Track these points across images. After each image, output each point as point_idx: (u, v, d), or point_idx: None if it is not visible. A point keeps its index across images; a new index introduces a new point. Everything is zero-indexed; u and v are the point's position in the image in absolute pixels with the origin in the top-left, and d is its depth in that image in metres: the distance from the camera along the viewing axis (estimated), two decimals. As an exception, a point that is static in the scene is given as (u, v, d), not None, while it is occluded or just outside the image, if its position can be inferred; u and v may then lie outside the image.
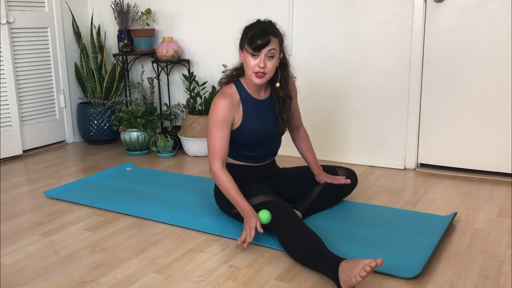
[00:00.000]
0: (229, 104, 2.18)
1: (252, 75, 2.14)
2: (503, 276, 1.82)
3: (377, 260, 1.63)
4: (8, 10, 3.51)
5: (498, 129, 2.90)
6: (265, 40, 2.07)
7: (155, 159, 3.56)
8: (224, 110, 2.17)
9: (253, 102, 2.25)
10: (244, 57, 2.15)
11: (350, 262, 1.69)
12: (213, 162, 2.19)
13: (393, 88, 3.14)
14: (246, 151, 2.29)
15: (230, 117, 2.19)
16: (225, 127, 2.19)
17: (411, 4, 2.99)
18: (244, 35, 2.15)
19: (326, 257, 1.78)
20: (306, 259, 1.86)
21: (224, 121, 2.18)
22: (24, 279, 1.85)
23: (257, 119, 2.25)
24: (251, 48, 2.08)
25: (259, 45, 2.07)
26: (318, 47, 3.32)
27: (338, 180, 2.44)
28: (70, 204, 2.64)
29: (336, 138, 3.38)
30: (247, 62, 2.13)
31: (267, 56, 2.10)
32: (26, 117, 3.73)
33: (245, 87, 2.25)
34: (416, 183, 2.92)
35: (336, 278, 1.70)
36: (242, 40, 2.15)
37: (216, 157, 2.19)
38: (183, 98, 3.90)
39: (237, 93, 2.23)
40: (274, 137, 2.35)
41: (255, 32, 2.09)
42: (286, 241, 1.94)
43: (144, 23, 3.84)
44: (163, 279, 1.83)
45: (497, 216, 2.39)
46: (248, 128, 2.23)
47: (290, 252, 1.93)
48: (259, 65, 2.09)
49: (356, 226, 2.27)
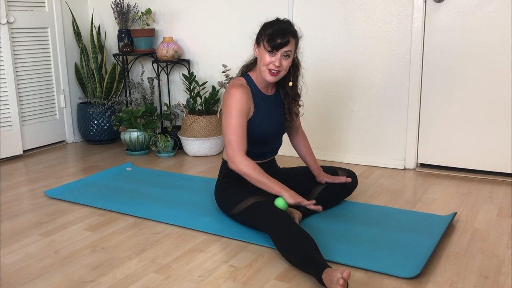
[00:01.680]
0: (247, 93, 2.17)
1: (266, 72, 2.14)
2: (503, 276, 1.82)
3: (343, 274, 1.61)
4: (8, 10, 3.52)
5: (498, 129, 2.90)
6: (284, 40, 2.08)
7: (155, 159, 3.56)
8: (242, 99, 2.14)
9: (262, 97, 2.26)
10: (259, 52, 2.16)
11: (327, 274, 1.68)
12: (237, 156, 2.11)
13: (393, 88, 3.14)
14: (251, 147, 2.26)
15: (248, 106, 2.17)
16: (244, 116, 2.15)
17: (410, 4, 2.99)
18: (263, 31, 2.15)
19: (313, 264, 1.77)
20: (295, 262, 1.86)
21: (242, 110, 2.14)
22: (24, 279, 1.86)
23: (265, 114, 2.25)
24: (269, 46, 2.09)
25: (278, 44, 2.08)
26: (318, 47, 3.32)
27: (339, 179, 2.45)
28: (70, 204, 2.64)
29: (336, 138, 3.38)
30: (263, 58, 2.13)
31: (283, 55, 2.11)
32: (26, 117, 3.74)
33: (254, 81, 2.25)
34: (416, 183, 2.92)
35: (323, 285, 1.71)
36: (260, 36, 2.15)
37: (239, 149, 2.11)
38: (183, 98, 3.90)
39: (248, 86, 2.23)
40: (278, 134, 2.37)
41: (275, 30, 2.09)
42: (278, 243, 1.94)
43: (144, 23, 3.84)
44: (163, 279, 1.84)
45: (497, 216, 2.39)
46: (258, 122, 2.23)
47: (282, 254, 1.94)
48: (275, 63, 2.11)
49: (356, 226, 2.27)
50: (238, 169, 2.13)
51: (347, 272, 1.62)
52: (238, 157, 2.12)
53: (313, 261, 1.77)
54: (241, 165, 2.12)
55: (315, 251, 1.81)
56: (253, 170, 2.11)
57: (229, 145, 2.14)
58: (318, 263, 1.75)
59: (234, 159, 2.12)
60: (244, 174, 2.13)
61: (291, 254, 1.87)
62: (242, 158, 2.12)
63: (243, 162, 2.12)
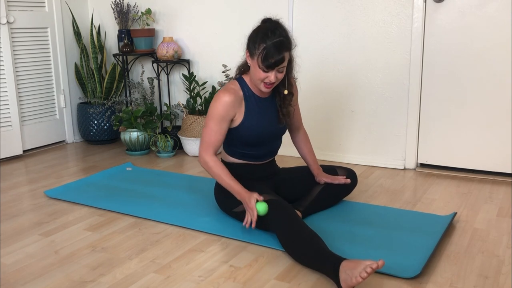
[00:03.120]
0: (232, 100, 2.18)
1: (260, 84, 2.14)
2: (503, 276, 1.82)
3: (378, 262, 1.63)
4: (8, 10, 3.52)
5: (498, 129, 2.90)
6: (280, 58, 2.04)
7: (155, 159, 3.56)
8: (226, 106, 2.17)
9: (256, 100, 2.26)
10: (253, 65, 2.11)
11: (352, 262, 1.69)
12: (206, 152, 2.22)
13: (393, 88, 3.14)
14: (247, 149, 2.29)
15: (231, 113, 2.20)
16: (224, 122, 2.20)
17: (410, 4, 2.99)
18: (255, 44, 2.06)
19: (327, 256, 1.78)
20: (306, 258, 1.86)
21: (223, 117, 2.18)
22: (24, 279, 1.86)
23: (258, 116, 2.25)
24: (264, 66, 2.05)
25: (272, 64, 2.04)
26: (318, 47, 3.32)
27: (338, 179, 2.44)
28: (70, 204, 2.64)
29: (336, 138, 3.38)
30: (256, 73, 2.10)
31: (278, 70, 2.09)
32: (26, 117, 3.74)
33: (248, 84, 2.25)
34: (416, 183, 2.92)
35: (336, 277, 1.70)
36: (253, 48, 2.07)
37: (209, 148, 2.22)
38: (183, 98, 3.90)
39: (241, 90, 2.23)
40: (275, 135, 2.36)
41: (269, 48, 2.02)
42: (286, 240, 1.94)
43: (144, 23, 3.84)
44: (163, 279, 1.84)
45: (497, 216, 2.39)
46: (249, 126, 2.23)
47: (289, 251, 1.93)
48: (270, 78, 2.08)
49: (355, 226, 2.27)
50: (204, 165, 2.25)
51: (381, 261, 1.63)
52: (203, 155, 2.23)
53: (326, 255, 1.77)
54: (203, 163, 2.24)
55: (326, 247, 1.83)
56: (214, 169, 2.21)
57: (201, 143, 2.26)
58: (333, 256, 1.76)
59: (200, 155, 2.25)
60: (206, 170, 2.26)
61: (301, 252, 1.87)
62: (207, 157, 2.22)
63: (206, 161, 2.22)
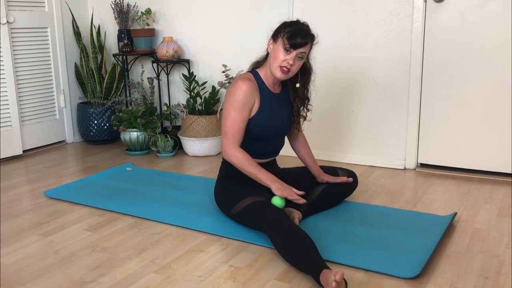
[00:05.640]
0: (252, 88, 2.18)
1: (277, 69, 2.15)
2: (503, 276, 1.82)
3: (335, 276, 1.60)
4: (8, 10, 3.51)
5: (498, 129, 2.90)
6: (304, 41, 2.11)
7: (155, 159, 3.56)
8: (246, 93, 2.16)
9: (269, 94, 2.27)
10: (274, 49, 2.17)
11: (324, 275, 1.68)
12: (232, 144, 2.17)
13: (393, 88, 3.14)
14: (254, 145, 2.28)
15: (251, 101, 2.19)
16: (246, 110, 2.18)
17: (411, 4, 2.99)
18: (282, 28, 2.16)
19: (311, 264, 1.77)
20: (293, 262, 1.86)
21: (245, 104, 2.17)
22: (24, 279, 1.86)
23: (270, 111, 2.26)
24: (289, 43, 2.10)
25: (297, 43, 2.10)
26: (318, 47, 3.30)
27: (340, 179, 2.45)
28: (70, 204, 2.64)
29: (336, 138, 3.38)
30: (277, 55, 2.14)
31: (297, 56, 2.13)
32: (26, 117, 3.74)
33: (262, 78, 2.26)
34: (416, 183, 2.92)
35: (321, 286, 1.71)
36: (278, 32, 2.15)
37: (233, 140, 2.17)
38: (183, 98, 3.90)
39: (255, 82, 2.24)
40: (282, 133, 2.38)
41: (296, 29, 2.12)
42: (276, 243, 1.94)
43: (144, 23, 3.84)
44: (163, 279, 1.84)
45: (497, 216, 2.39)
46: (262, 119, 2.23)
47: (280, 253, 1.93)
48: (289, 61, 2.12)
49: (356, 226, 2.27)
50: (228, 160, 2.19)
51: (339, 274, 1.60)
52: (229, 148, 2.17)
53: (311, 261, 1.77)
54: (232, 156, 2.18)
55: (314, 252, 1.81)
56: (243, 161, 2.16)
57: (225, 136, 2.19)
58: (316, 264, 1.75)
59: (226, 150, 2.19)
60: (234, 165, 2.19)
61: (289, 254, 1.87)
62: (234, 150, 2.17)
63: (234, 154, 2.17)
